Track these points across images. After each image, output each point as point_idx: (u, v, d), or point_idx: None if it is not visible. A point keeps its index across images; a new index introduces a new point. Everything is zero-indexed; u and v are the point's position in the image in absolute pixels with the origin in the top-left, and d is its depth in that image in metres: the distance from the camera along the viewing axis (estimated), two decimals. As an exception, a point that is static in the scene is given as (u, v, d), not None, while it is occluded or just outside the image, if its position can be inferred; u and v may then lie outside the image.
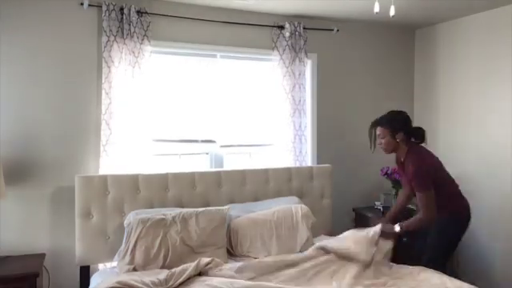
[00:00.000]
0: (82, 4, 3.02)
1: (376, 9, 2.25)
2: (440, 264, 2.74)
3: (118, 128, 3.07)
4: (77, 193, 2.83)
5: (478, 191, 3.68)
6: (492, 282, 3.54)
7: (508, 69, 3.41)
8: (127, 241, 2.67)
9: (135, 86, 3.13)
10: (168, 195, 3.07)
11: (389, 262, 2.71)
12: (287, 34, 3.60)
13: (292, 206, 3.14)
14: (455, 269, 3.82)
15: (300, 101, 3.66)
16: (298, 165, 3.66)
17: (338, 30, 3.86)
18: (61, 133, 3.03)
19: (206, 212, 2.88)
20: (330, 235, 3.30)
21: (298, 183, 3.50)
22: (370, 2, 2.44)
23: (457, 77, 3.88)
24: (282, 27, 3.61)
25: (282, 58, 3.61)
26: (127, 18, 3.07)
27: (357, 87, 4.07)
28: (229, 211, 2.98)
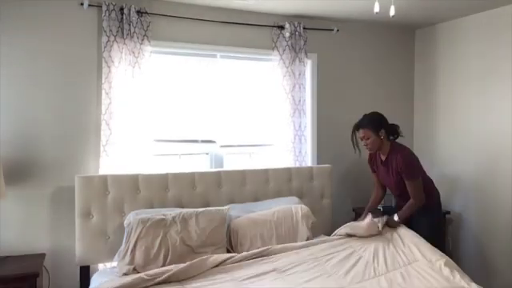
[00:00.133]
0: (82, 4, 3.02)
1: (376, 9, 2.25)
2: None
3: (118, 128, 3.07)
4: (77, 193, 2.83)
5: (478, 191, 3.69)
6: (492, 282, 3.54)
7: (508, 69, 3.42)
8: (127, 241, 2.67)
9: (135, 86, 3.13)
10: (168, 195, 3.07)
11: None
12: (287, 34, 3.60)
13: (292, 206, 3.14)
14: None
15: (300, 101, 3.66)
16: (298, 165, 3.66)
17: (338, 30, 3.86)
18: (61, 133, 3.03)
19: (206, 212, 2.88)
20: None
21: (298, 183, 3.50)
22: (370, 2, 2.44)
23: (457, 77, 3.88)
24: (282, 27, 3.61)
25: (282, 58, 3.61)
26: (127, 18, 3.07)
27: (357, 87, 4.07)
28: (229, 211, 2.98)
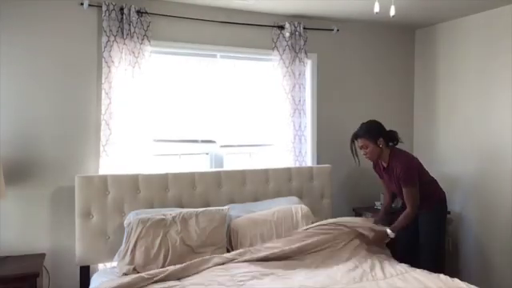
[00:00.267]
0: (82, 4, 3.02)
1: (376, 9, 2.25)
2: (440, 253, 3.10)
3: (118, 128, 3.07)
4: (77, 193, 2.83)
5: (478, 191, 3.69)
6: (492, 282, 3.54)
7: (508, 69, 3.41)
8: (127, 241, 2.67)
9: (135, 86, 3.12)
10: (168, 195, 3.07)
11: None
12: (287, 34, 3.60)
13: (292, 206, 3.14)
14: (454, 268, 3.83)
15: (300, 101, 3.66)
16: (298, 165, 3.66)
17: (338, 30, 3.86)
18: (61, 133, 3.03)
19: (206, 212, 2.88)
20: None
21: (298, 183, 3.50)
22: (370, 2, 2.43)
23: (457, 77, 3.88)
24: (282, 27, 3.61)
25: (282, 58, 3.61)
26: (127, 18, 3.07)
27: (357, 87, 4.07)
28: (229, 211, 2.98)
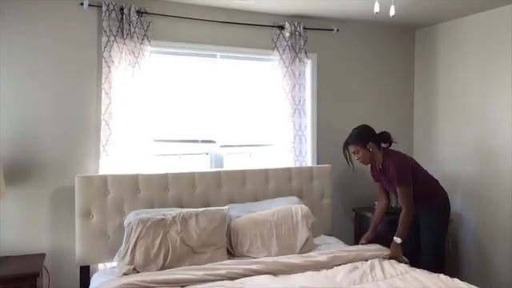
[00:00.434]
0: (82, 4, 3.02)
1: (376, 9, 2.25)
2: (440, 253, 3.11)
3: (118, 128, 3.07)
4: (77, 193, 2.83)
5: (478, 191, 3.69)
6: (492, 282, 3.54)
7: (508, 69, 3.41)
8: (127, 241, 2.67)
9: (135, 86, 3.12)
10: (168, 195, 3.07)
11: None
12: (287, 34, 3.60)
13: (292, 206, 3.14)
14: (454, 268, 3.83)
15: (300, 101, 3.66)
16: (298, 165, 3.66)
17: (338, 30, 3.86)
18: (61, 133, 3.03)
19: (206, 212, 2.88)
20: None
21: (298, 183, 3.50)
22: (370, 2, 2.44)
23: (456, 76, 3.88)
24: (282, 27, 3.61)
25: (282, 58, 3.61)
26: (127, 18, 3.07)
27: (357, 87, 4.07)
28: (229, 211, 2.98)
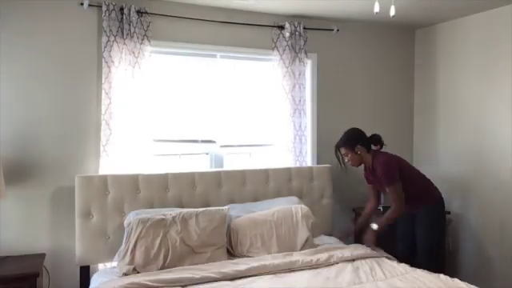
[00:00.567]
0: (82, 4, 3.02)
1: (376, 9, 2.25)
2: (439, 253, 3.10)
3: (118, 128, 3.07)
4: (77, 193, 2.83)
5: (478, 191, 3.69)
6: (492, 282, 3.54)
7: (508, 69, 3.41)
8: (127, 241, 2.67)
9: (135, 86, 3.12)
10: (168, 195, 3.07)
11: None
12: (287, 34, 3.60)
13: (292, 206, 3.14)
14: (454, 268, 3.83)
15: (300, 101, 3.66)
16: (298, 165, 3.66)
17: (338, 30, 3.85)
18: (61, 133, 3.03)
19: (206, 212, 2.88)
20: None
21: (298, 183, 3.50)
22: (370, 2, 2.43)
23: (456, 76, 3.88)
24: (282, 27, 3.61)
25: (282, 58, 3.61)
26: (127, 18, 3.07)
27: (357, 87, 4.07)
28: (229, 211, 2.98)
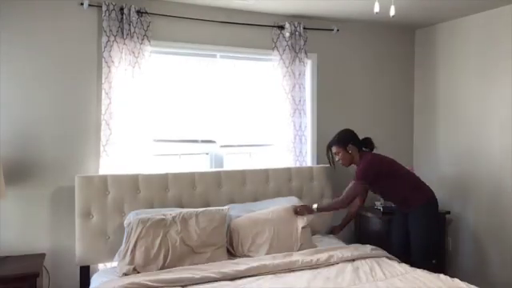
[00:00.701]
0: (82, 4, 3.02)
1: (376, 9, 2.25)
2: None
3: (118, 128, 3.07)
4: (77, 193, 2.83)
5: (478, 191, 3.69)
6: (492, 282, 3.54)
7: (508, 69, 3.41)
8: (127, 241, 2.67)
9: (135, 86, 3.13)
10: (168, 195, 3.07)
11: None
12: (287, 34, 3.60)
13: (292, 206, 3.13)
14: (454, 268, 3.83)
15: (300, 101, 3.66)
16: (298, 165, 3.66)
17: (338, 30, 3.85)
18: (61, 133, 3.03)
19: (206, 212, 2.88)
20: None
21: (298, 183, 3.50)
22: (370, 2, 2.43)
23: (456, 76, 3.88)
24: (282, 27, 3.61)
25: (282, 58, 3.61)
26: (127, 18, 3.07)
27: (357, 87, 4.07)
28: (229, 211, 2.98)
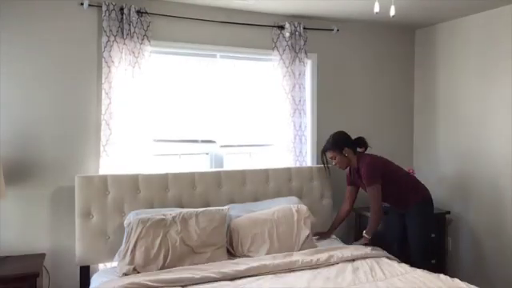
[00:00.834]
0: (82, 4, 3.02)
1: (376, 9, 2.25)
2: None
3: (118, 128, 3.07)
4: (77, 193, 2.83)
5: (478, 191, 3.69)
6: (491, 282, 3.54)
7: (508, 69, 3.41)
8: (127, 241, 2.67)
9: (135, 86, 3.13)
10: (168, 195, 3.07)
11: None
12: (287, 34, 3.60)
13: (292, 206, 3.14)
14: (454, 268, 3.83)
15: (300, 101, 3.66)
16: (298, 165, 3.66)
17: (338, 30, 3.85)
18: (61, 133, 3.03)
19: (206, 212, 2.88)
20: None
21: (298, 183, 3.51)
22: (370, 2, 2.44)
23: (456, 76, 3.88)
24: (282, 27, 3.61)
25: (282, 58, 3.61)
26: (127, 18, 3.07)
27: (357, 87, 4.07)
28: (229, 211, 2.98)
